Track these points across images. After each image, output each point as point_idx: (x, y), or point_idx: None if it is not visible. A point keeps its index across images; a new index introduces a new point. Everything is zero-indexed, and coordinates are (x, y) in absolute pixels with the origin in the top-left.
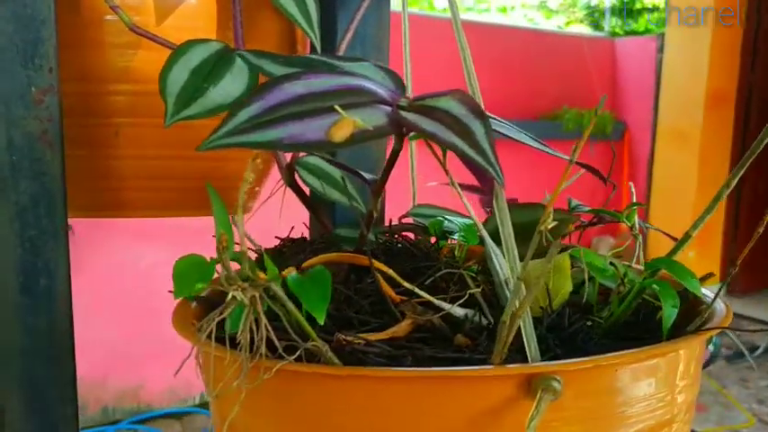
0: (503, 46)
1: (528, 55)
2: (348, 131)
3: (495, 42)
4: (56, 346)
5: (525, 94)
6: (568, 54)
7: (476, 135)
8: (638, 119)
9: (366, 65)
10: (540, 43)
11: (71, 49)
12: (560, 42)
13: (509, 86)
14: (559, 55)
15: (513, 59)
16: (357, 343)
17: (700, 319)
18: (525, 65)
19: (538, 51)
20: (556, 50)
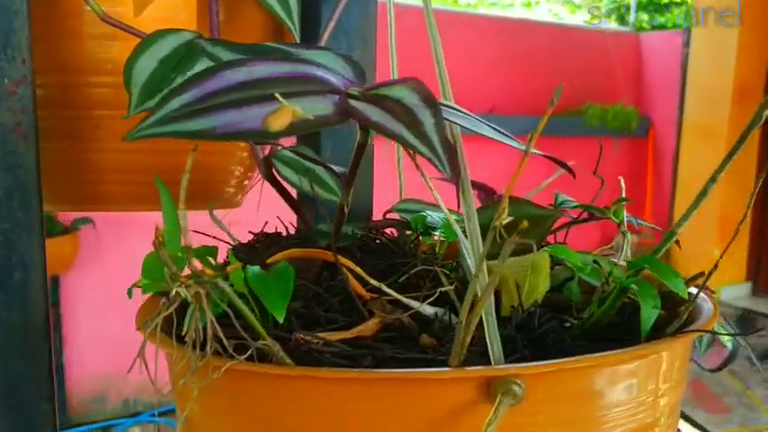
0: (526, 41)
1: (551, 50)
2: (286, 120)
3: (519, 37)
4: (31, 342)
5: (547, 90)
6: (592, 49)
7: (424, 125)
8: (663, 114)
9: (327, 53)
10: (563, 38)
11: (49, 41)
12: (584, 37)
13: (531, 82)
14: (583, 50)
15: (536, 55)
16: (315, 342)
17: (678, 321)
18: (548, 60)
19: (561, 46)
20: (580, 46)
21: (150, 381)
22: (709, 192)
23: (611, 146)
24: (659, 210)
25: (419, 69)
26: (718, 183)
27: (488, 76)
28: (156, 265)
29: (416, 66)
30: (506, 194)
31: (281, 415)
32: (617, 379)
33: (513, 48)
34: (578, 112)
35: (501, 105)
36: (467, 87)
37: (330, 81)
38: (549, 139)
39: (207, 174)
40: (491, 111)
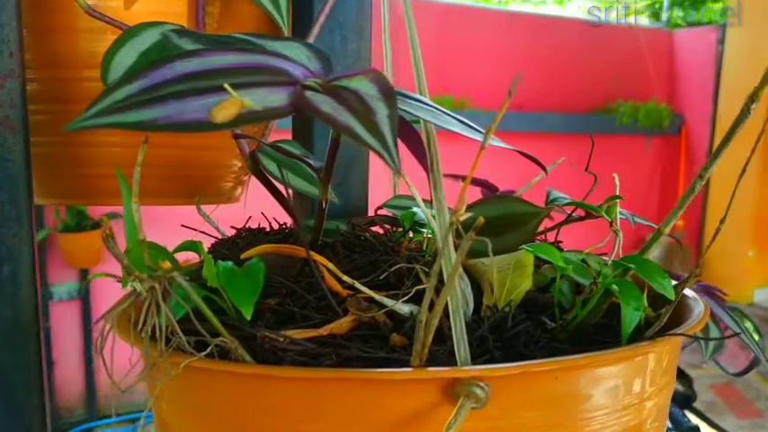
0: (557, 38)
1: (582, 47)
2: (233, 112)
3: (549, 34)
4: (20, 334)
5: (578, 87)
6: (624, 46)
7: (376, 117)
8: (696, 112)
9: (293, 44)
10: (595, 35)
11: (42, 34)
12: (616, 34)
13: (561, 79)
14: (615, 47)
15: (567, 52)
16: (280, 340)
17: (658, 324)
18: (579, 57)
19: (593, 43)
20: (611, 43)
21: (108, 376)
22: (698, 189)
23: (643, 144)
24: (692, 209)
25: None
26: (754, 181)
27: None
28: (138, 258)
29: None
30: (464, 189)
31: (239, 413)
32: (592, 383)
33: (543, 45)
34: (609, 110)
35: (529, 103)
36: (494, 84)
37: (289, 72)
38: (580, 137)
39: (204, 170)
40: (519, 108)
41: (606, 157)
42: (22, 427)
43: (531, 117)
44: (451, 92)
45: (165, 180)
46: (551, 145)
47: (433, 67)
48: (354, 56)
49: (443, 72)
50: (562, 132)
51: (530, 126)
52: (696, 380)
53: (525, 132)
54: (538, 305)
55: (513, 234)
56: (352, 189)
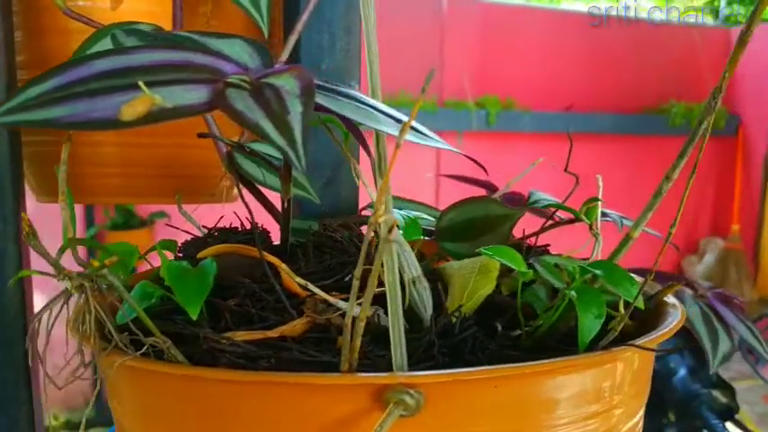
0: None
1: (633, 46)
2: (142, 110)
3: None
4: (8, 329)
5: (629, 87)
6: (679, 44)
7: (288, 114)
8: (754, 112)
9: (235, 41)
10: (648, 33)
11: (34, 36)
12: (670, 32)
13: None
14: (668, 46)
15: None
16: (218, 342)
17: (612, 333)
18: (630, 56)
19: (645, 42)
20: (664, 41)
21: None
22: (665, 191)
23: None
24: (748, 213)
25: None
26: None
27: (566, 72)
28: (122, 253)
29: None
30: (380, 191)
31: (171, 413)
32: (539, 392)
33: (593, 43)
34: (662, 111)
35: (579, 103)
36: (542, 84)
37: (218, 69)
38: (631, 138)
39: (203, 169)
40: (568, 109)
41: (658, 159)
42: (8, 421)
43: (580, 117)
44: (497, 92)
45: (156, 179)
46: (601, 146)
47: (477, 67)
48: (343, 53)
49: (489, 72)
50: (613, 133)
51: (579, 127)
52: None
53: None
54: (502, 312)
55: (489, 237)
56: (341, 188)
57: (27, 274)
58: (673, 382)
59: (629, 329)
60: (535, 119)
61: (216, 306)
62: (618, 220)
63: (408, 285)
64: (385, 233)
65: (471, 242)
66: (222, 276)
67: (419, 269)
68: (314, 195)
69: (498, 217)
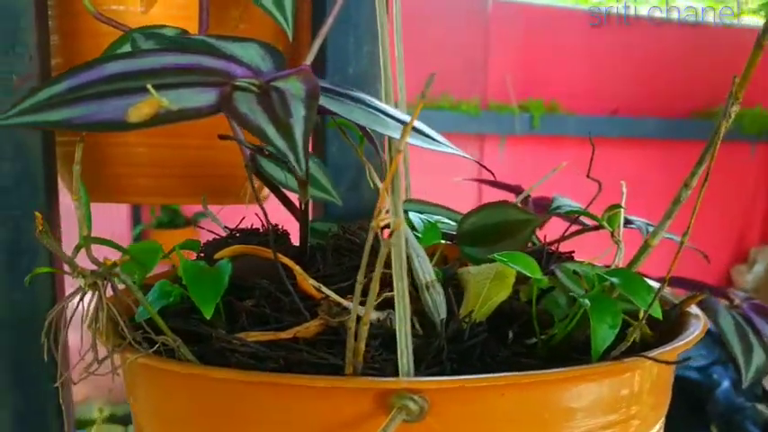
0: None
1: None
2: (149, 112)
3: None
4: (37, 322)
5: (676, 91)
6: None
7: (290, 118)
8: None
9: (249, 45)
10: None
11: (69, 38)
12: (719, 35)
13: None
14: (717, 49)
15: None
16: (230, 342)
17: (625, 344)
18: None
19: (693, 44)
20: (714, 44)
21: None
22: (684, 199)
23: (748, 152)
24: None
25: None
26: None
27: (612, 75)
28: (137, 256)
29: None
30: (382, 194)
31: (178, 411)
32: (550, 401)
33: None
34: (710, 115)
35: (624, 107)
36: (588, 87)
37: (228, 72)
38: (679, 143)
39: (231, 169)
40: (614, 113)
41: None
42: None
43: (625, 122)
44: (542, 95)
45: (185, 179)
46: (648, 151)
47: (521, 70)
48: (369, 57)
49: (533, 75)
50: (659, 138)
51: (624, 131)
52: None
53: (619, 138)
54: (519, 319)
55: (508, 242)
56: (365, 191)
57: (44, 271)
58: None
59: (649, 339)
60: (580, 122)
61: (232, 306)
62: (643, 227)
63: (422, 290)
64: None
65: (491, 247)
66: (241, 277)
67: (433, 274)
68: (336, 198)
69: (518, 222)
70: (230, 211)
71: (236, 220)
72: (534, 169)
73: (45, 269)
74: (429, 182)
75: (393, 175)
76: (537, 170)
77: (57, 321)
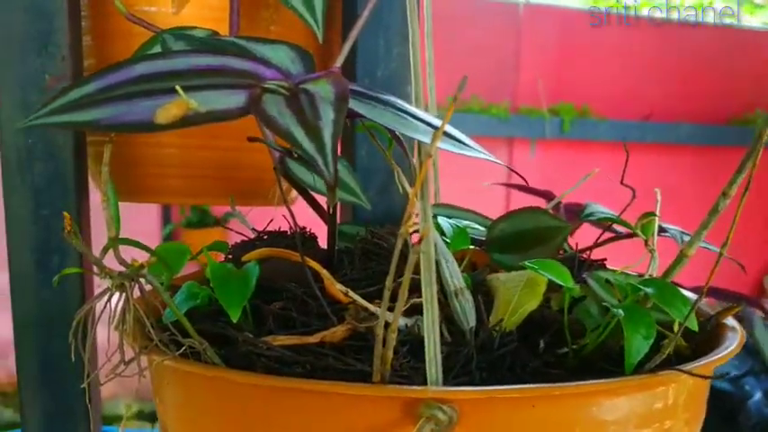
0: (690, 44)
1: (717, 53)
2: (177, 113)
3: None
4: (67, 321)
5: (712, 96)
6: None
7: (319, 121)
8: None
9: (279, 47)
10: (732, 41)
11: (101, 39)
12: (757, 39)
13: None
14: (755, 53)
15: (700, 58)
16: (256, 345)
17: (659, 356)
18: (713, 65)
19: (729, 50)
20: (751, 48)
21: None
22: (722, 209)
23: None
24: None
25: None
26: None
27: (645, 80)
28: (164, 257)
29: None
30: (411, 199)
31: (203, 413)
32: (581, 413)
33: (673, 50)
34: (746, 121)
35: (658, 112)
36: (620, 92)
37: (258, 74)
38: (714, 149)
39: (256, 171)
40: (647, 117)
41: (722, 168)
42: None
43: (659, 127)
44: (573, 99)
45: (213, 180)
46: (683, 157)
47: (552, 74)
48: (399, 60)
49: (564, 78)
50: (694, 144)
51: (657, 136)
52: None
53: (653, 143)
54: (550, 328)
55: (539, 249)
56: (394, 195)
57: (72, 272)
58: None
59: (684, 352)
60: (612, 127)
61: (260, 309)
62: (678, 235)
63: (451, 297)
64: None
65: (521, 254)
66: (268, 279)
67: (462, 281)
68: (365, 201)
69: (549, 229)
70: (258, 213)
71: (264, 221)
72: (564, 174)
73: (74, 269)
74: (457, 186)
75: (423, 179)
76: (567, 175)
77: (85, 321)
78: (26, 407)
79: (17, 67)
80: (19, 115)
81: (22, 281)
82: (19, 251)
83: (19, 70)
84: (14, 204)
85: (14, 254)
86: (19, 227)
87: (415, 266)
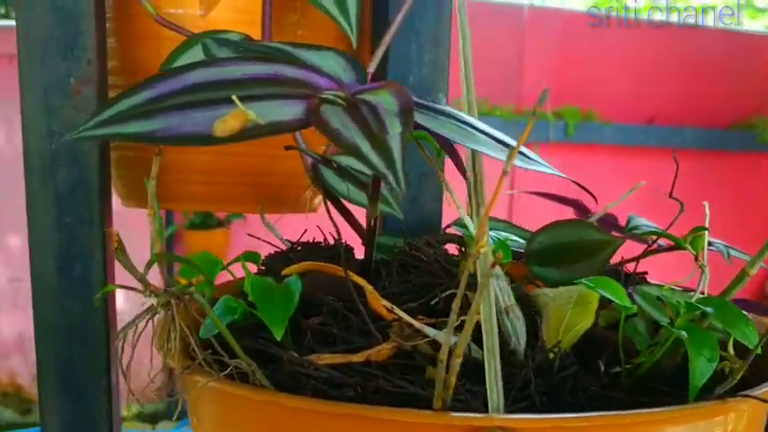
0: (694, 48)
1: (722, 58)
2: (235, 126)
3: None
4: (90, 330)
5: (716, 100)
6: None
7: (386, 134)
8: None
9: (328, 54)
10: (737, 45)
11: (126, 42)
12: (759, 44)
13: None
14: (757, 58)
15: (703, 62)
16: (303, 365)
17: (730, 380)
18: (717, 69)
19: (734, 54)
20: (753, 53)
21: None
22: None
23: None
24: None
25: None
26: None
27: (650, 84)
28: (204, 264)
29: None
30: (484, 215)
31: None
32: None
33: (677, 55)
34: (750, 126)
35: (661, 116)
36: (625, 96)
37: (312, 84)
38: (717, 154)
39: (283, 178)
40: (650, 121)
41: (746, 176)
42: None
43: (662, 131)
44: (577, 103)
45: (239, 187)
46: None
47: (556, 77)
48: (431, 65)
49: (568, 82)
50: (697, 148)
51: (660, 141)
52: None
53: (655, 147)
54: (606, 345)
55: (584, 264)
56: (425, 205)
57: (112, 289)
58: None
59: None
60: (616, 131)
61: (298, 323)
62: (724, 250)
63: (501, 314)
64: (485, 266)
65: (564, 268)
66: (305, 292)
67: (512, 297)
68: (398, 211)
69: (595, 243)
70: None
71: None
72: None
73: (112, 286)
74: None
75: (496, 195)
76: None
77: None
78: (46, 414)
79: (41, 71)
80: (42, 120)
81: (43, 288)
82: (41, 258)
83: (42, 73)
84: (37, 211)
85: (36, 261)
86: (41, 234)
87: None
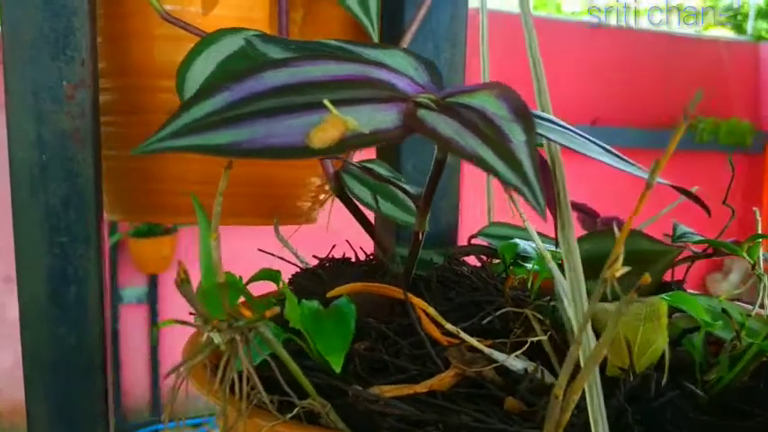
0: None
1: (659, 60)
2: (334, 135)
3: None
4: (85, 359)
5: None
6: (705, 59)
7: (511, 143)
8: None
9: (395, 53)
10: (672, 48)
11: (116, 41)
12: (696, 47)
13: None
14: (694, 60)
15: (643, 65)
16: (373, 401)
17: None
18: (655, 71)
19: (670, 56)
20: (691, 56)
21: None
22: None
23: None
24: None
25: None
26: None
27: (591, 86)
28: (214, 291)
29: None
30: (624, 232)
31: None
32: None
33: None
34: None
35: (604, 117)
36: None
37: (396, 86)
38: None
39: (281, 188)
40: (593, 123)
41: (686, 176)
42: None
43: (605, 131)
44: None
45: (238, 198)
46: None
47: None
48: (448, 65)
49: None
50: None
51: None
52: None
53: None
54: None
55: (639, 276)
56: (442, 215)
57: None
58: None
59: None
60: None
61: None
62: None
63: (572, 334)
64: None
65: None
66: None
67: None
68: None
69: (652, 253)
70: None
71: None
72: None
73: (171, 321)
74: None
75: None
76: None
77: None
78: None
79: (29, 72)
80: (32, 127)
81: (33, 315)
82: (30, 282)
83: (31, 76)
84: (25, 229)
85: (24, 285)
86: (31, 255)
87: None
